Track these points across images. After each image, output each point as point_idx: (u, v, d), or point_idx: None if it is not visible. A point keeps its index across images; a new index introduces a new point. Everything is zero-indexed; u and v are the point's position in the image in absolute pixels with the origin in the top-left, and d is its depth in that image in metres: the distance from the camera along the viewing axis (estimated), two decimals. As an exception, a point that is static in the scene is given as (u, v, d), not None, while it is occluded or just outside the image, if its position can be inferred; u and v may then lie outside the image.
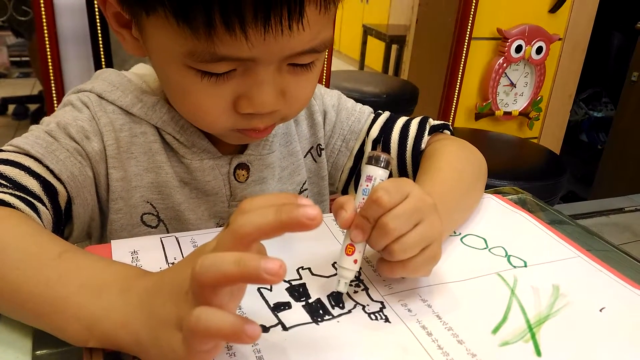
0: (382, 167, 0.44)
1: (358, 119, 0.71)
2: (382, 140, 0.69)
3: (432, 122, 0.70)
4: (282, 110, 0.52)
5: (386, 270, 0.45)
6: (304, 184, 0.69)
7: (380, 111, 0.73)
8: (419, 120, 0.70)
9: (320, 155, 0.71)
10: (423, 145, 0.67)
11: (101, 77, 0.60)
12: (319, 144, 0.70)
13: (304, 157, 0.69)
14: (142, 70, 0.62)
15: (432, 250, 0.44)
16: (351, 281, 0.47)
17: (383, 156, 0.44)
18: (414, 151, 0.68)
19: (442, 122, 0.70)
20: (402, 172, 0.69)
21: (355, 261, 0.43)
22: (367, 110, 0.72)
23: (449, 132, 0.70)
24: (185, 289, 0.33)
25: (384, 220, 0.41)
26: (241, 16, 0.41)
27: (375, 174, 0.44)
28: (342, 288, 0.44)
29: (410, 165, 0.68)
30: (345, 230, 0.44)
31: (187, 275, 0.33)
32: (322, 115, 0.70)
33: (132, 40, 0.53)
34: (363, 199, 0.43)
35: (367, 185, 0.44)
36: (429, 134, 0.68)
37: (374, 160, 0.44)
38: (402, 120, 0.70)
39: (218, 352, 0.34)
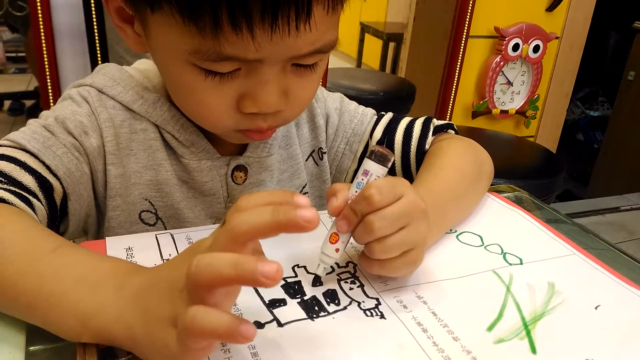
0: (381, 164, 0.44)
1: (361, 121, 0.70)
2: (386, 141, 0.68)
3: (436, 122, 0.69)
4: (285, 111, 0.51)
5: (365, 265, 0.45)
6: (303, 187, 0.69)
7: (383, 112, 0.72)
8: (422, 121, 0.69)
9: (322, 159, 0.70)
10: (427, 146, 0.66)
11: (102, 72, 0.59)
12: (320, 147, 0.69)
13: (305, 160, 0.69)
14: (143, 66, 0.61)
15: (413, 254, 0.44)
16: (347, 278, 0.47)
17: (384, 153, 0.44)
18: (418, 152, 0.67)
19: (446, 122, 0.69)
20: (406, 173, 0.68)
21: (337, 250, 0.44)
22: (370, 112, 0.72)
23: (453, 132, 0.69)
24: (181, 287, 0.33)
25: (371, 219, 0.42)
26: (248, 16, 0.41)
27: (372, 170, 0.44)
28: (321, 272, 0.45)
29: (414, 166, 0.68)
30: (334, 218, 0.44)
31: (182, 273, 0.32)
32: (324, 118, 0.69)
33: (134, 36, 0.52)
34: (356, 191, 0.44)
35: (362, 180, 0.44)
36: (433, 134, 0.67)
37: (373, 156, 0.44)
38: (405, 121, 0.70)
39: (212, 350, 0.34)
